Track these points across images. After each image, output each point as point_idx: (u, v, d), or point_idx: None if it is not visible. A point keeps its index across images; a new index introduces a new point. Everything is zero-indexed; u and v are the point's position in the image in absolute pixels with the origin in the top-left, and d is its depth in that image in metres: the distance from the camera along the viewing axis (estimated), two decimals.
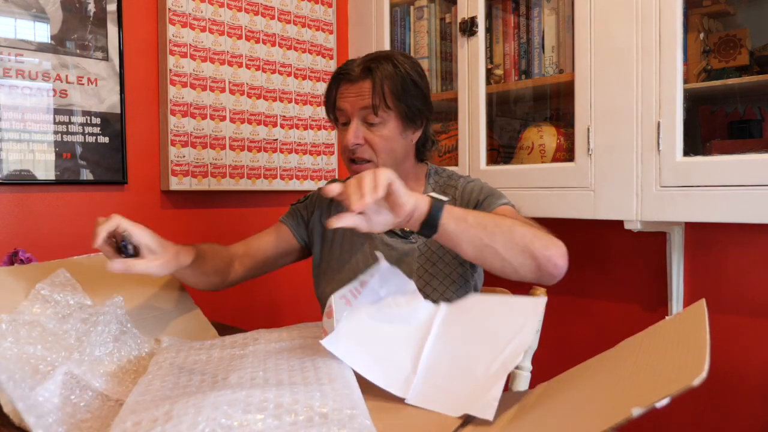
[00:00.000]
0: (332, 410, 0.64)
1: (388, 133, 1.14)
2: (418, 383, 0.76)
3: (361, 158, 1.14)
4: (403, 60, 1.15)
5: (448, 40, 1.90)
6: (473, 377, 0.74)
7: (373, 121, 1.12)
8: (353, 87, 1.13)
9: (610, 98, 1.45)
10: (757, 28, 1.42)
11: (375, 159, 1.14)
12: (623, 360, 0.66)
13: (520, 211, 1.15)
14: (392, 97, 1.12)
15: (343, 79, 1.15)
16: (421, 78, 1.17)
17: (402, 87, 1.12)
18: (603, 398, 0.59)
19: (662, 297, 1.64)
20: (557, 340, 1.82)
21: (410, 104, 1.14)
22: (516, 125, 1.88)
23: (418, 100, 1.16)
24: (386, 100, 1.11)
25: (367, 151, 1.14)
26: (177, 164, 1.66)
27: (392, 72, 1.12)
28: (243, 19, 1.81)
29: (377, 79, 1.11)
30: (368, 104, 1.11)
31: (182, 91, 1.67)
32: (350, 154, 1.15)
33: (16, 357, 0.81)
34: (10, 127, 1.41)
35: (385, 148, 1.14)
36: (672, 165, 1.36)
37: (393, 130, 1.14)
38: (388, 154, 1.15)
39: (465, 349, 0.79)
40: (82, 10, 1.51)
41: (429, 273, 1.16)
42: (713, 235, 1.57)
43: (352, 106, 1.13)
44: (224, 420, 0.60)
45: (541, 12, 1.67)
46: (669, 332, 0.65)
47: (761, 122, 1.45)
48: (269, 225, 1.98)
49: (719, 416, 1.56)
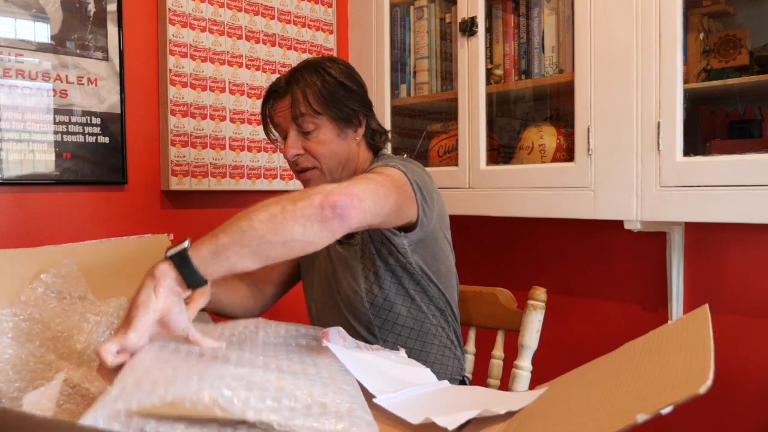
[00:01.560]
0: (332, 401, 0.64)
1: (324, 137, 1.16)
2: (394, 396, 0.75)
3: (305, 167, 1.18)
4: (330, 65, 1.18)
5: (448, 40, 1.90)
6: (450, 407, 0.73)
7: (308, 129, 1.16)
8: (282, 101, 1.17)
9: (610, 98, 1.45)
10: (757, 28, 1.42)
11: (318, 164, 1.18)
12: (625, 364, 0.65)
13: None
14: (319, 102, 1.15)
15: (272, 96, 1.20)
16: (350, 79, 1.19)
17: (329, 92, 1.15)
18: (607, 403, 0.58)
19: (662, 297, 1.64)
20: (557, 340, 1.82)
21: (341, 107, 1.16)
22: (516, 125, 1.88)
23: (350, 101, 1.18)
24: (313, 106, 1.14)
25: (308, 160, 1.17)
26: (177, 164, 1.66)
27: (315, 79, 1.15)
28: (243, 19, 1.81)
29: (300, 88, 1.15)
30: (297, 113, 1.15)
31: (182, 91, 1.67)
32: (294, 165, 1.19)
33: (15, 356, 0.81)
34: (10, 127, 1.41)
35: (324, 153, 1.17)
36: (672, 165, 1.36)
37: (329, 133, 1.17)
38: (329, 157, 1.17)
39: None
40: (82, 10, 1.51)
41: (369, 269, 1.16)
42: (713, 235, 1.57)
43: (285, 119, 1.17)
44: (226, 392, 0.59)
45: (541, 12, 1.67)
46: (672, 337, 0.65)
47: (761, 122, 1.45)
48: None
49: (718, 416, 1.56)
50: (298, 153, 1.16)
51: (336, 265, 1.21)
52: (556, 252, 1.87)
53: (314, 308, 1.30)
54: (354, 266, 1.17)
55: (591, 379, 0.67)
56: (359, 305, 1.17)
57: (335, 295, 1.22)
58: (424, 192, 1.09)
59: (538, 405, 0.69)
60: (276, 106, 1.19)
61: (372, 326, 1.17)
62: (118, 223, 1.58)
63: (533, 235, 1.92)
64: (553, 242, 1.87)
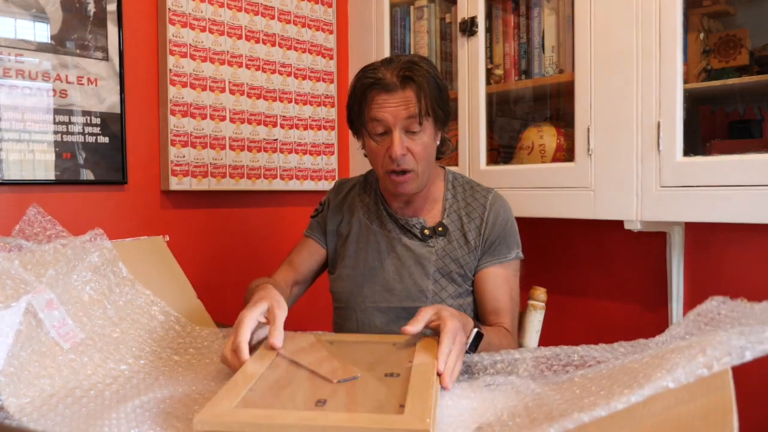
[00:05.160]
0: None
1: (427, 140, 1.14)
2: None
3: (404, 169, 1.13)
4: (428, 64, 1.14)
5: (448, 40, 1.90)
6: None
7: (415, 130, 1.11)
8: (393, 96, 1.10)
9: (610, 98, 1.45)
10: (757, 28, 1.42)
11: (416, 167, 1.13)
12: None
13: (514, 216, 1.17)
14: (432, 104, 1.11)
15: (379, 88, 1.11)
16: (442, 79, 1.17)
17: (437, 91, 1.12)
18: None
19: (662, 297, 1.64)
20: (557, 340, 1.82)
21: (444, 108, 1.15)
22: (516, 125, 1.88)
23: (447, 104, 1.16)
24: (428, 107, 1.10)
25: (410, 162, 1.12)
26: (177, 164, 1.66)
27: (430, 79, 1.11)
28: (243, 19, 1.81)
29: (421, 87, 1.09)
30: (413, 113, 1.09)
31: (182, 91, 1.67)
32: (393, 165, 1.12)
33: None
34: (10, 127, 1.41)
35: (424, 156, 1.14)
36: (672, 165, 1.36)
37: (430, 136, 1.15)
38: (427, 160, 1.15)
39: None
40: (82, 10, 1.51)
41: (441, 274, 1.19)
42: (713, 235, 1.57)
43: (395, 116, 1.10)
44: None
45: (541, 12, 1.67)
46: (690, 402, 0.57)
47: (761, 122, 1.45)
48: (269, 225, 1.98)
49: None
50: (404, 153, 1.11)
51: (403, 258, 1.20)
52: (556, 252, 1.87)
53: (346, 286, 1.26)
54: (426, 266, 1.19)
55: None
56: (419, 302, 1.18)
57: (393, 282, 1.20)
58: None
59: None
60: (383, 100, 1.10)
61: (432, 333, 1.20)
62: (118, 223, 1.58)
63: (533, 235, 1.92)
64: (553, 242, 1.87)
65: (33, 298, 0.85)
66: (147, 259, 1.24)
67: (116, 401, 0.77)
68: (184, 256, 1.51)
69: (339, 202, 1.31)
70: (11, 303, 0.82)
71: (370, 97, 1.12)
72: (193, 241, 1.73)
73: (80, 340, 0.88)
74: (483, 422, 0.71)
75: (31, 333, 0.83)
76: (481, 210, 1.21)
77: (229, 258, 1.82)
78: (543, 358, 0.91)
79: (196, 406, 0.76)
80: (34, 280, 0.89)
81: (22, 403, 0.75)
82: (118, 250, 1.17)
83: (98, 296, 0.98)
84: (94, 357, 0.88)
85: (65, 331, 0.87)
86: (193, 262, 1.66)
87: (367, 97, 1.12)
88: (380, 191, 1.27)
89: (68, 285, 0.94)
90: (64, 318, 0.88)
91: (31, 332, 0.83)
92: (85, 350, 0.88)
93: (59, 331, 0.86)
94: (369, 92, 1.12)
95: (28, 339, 0.82)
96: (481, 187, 1.25)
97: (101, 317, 0.96)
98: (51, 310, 0.86)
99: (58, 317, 0.87)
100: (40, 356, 0.83)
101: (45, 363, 0.82)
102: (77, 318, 0.91)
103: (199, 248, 1.74)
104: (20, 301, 0.83)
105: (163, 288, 1.16)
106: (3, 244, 0.99)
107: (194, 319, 1.13)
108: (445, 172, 1.28)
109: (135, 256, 1.24)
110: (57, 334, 0.86)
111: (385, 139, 1.13)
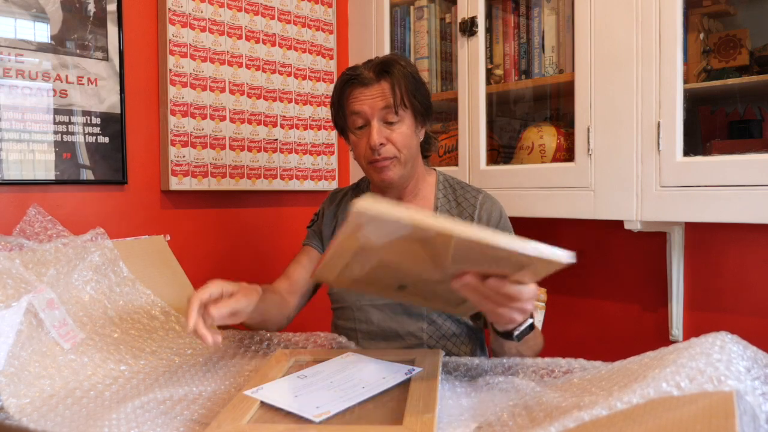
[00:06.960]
0: None
1: (406, 130, 1.19)
2: None
3: (385, 157, 1.18)
4: (406, 62, 1.22)
5: (448, 40, 1.91)
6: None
7: (393, 120, 1.17)
8: (369, 89, 1.17)
9: (610, 98, 1.45)
10: (757, 28, 1.42)
11: (398, 154, 1.19)
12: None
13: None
14: (408, 95, 1.17)
15: (355, 83, 1.18)
16: (421, 77, 1.24)
17: (414, 85, 1.19)
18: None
19: (662, 297, 1.64)
20: (557, 339, 1.82)
21: (421, 101, 1.20)
22: (516, 125, 1.88)
23: (425, 98, 1.22)
24: (404, 98, 1.17)
25: (390, 150, 1.18)
26: (177, 164, 1.66)
27: (404, 71, 1.18)
28: (243, 19, 1.81)
29: (395, 79, 1.16)
30: (389, 104, 1.16)
31: (182, 91, 1.67)
32: (374, 155, 1.18)
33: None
34: (10, 127, 1.41)
35: (405, 143, 1.19)
36: (672, 165, 1.36)
37: (410, 127, 1.20)
38: (409, 148, 1.20)
39: None
40: (82, 10, 1.51)
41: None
42: (713, 235, 1.57)
43: (372, 107, 1.17)
44: None
45: (541, 12, 1.67)
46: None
47: (761, 122, 1.45)
48: (269, 225, 1.97)
49: None
50: (382, 142, 1.17)
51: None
52: None
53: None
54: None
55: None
56: (440, 314, 1.20)
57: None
58: None
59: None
60: (360, 93, 1.18)
61: (429, 327, 1.21)
62: (118, 223, 1.58)
63: (533, 235, 1.92)
64: (553, 242, 1.86)
65: (34, 297, 0.85)
66: (148, 258, 1.25)
67: (116, 402, 0.77)
68: (184, 256, 1.51)
69: (333, 209, 1.35)
70: (12, 302, 0.82)
71: (348, 92, 1.20)
72: (193, 241, 1.73)
73: (80, 340, 0.88)
74: (483, 422, 0.71)
75: (31, 333, 0.83)
76: (471, 210, 1.24)
77: (229, 258, 1.82)
78: (543, 364, 0.91)
79: (196, 407, 0.76)
80: (35, 279, 0.89)
81: (23, 403, 0.75)
82: (119, 249, 1.17)
83: (99, 296, 0.99)
84: (94, 357, 0.88)
85: (66, 331, 0.87)
86: (193, 262, 1.66)
87: (345, 92, 1.20)
88: (371, 192, 1.30)
89: (69, 284, 0.95)
90: (65, 318, 0.88)
91: (31, 332, 0.83)
92: (86, 350, 0.88)
93: (59, 331, 0.86)
94: (347, 88, 1.20)
95: (29, 339, 0.82)
96: (471, 188, 1.29)
97: (101, 317, 0.96)
98: (51, 309, 0.87)
99: (58, 317, 0.87)
100: (40, 356, 0.83)
101: (45, 363, 0.82)
102: (77, 318, 0.91)
103: (199, 248, 1.74)
104: (21, 300, 0.83)
105: (163, 288, 1.17)
106: (4, 244, 0.99)
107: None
108: (436, 174, 1.32)
109: (136, 256, 1.24)
110: (57, 334, 0.86)
111: (365, 131, 1.19)
